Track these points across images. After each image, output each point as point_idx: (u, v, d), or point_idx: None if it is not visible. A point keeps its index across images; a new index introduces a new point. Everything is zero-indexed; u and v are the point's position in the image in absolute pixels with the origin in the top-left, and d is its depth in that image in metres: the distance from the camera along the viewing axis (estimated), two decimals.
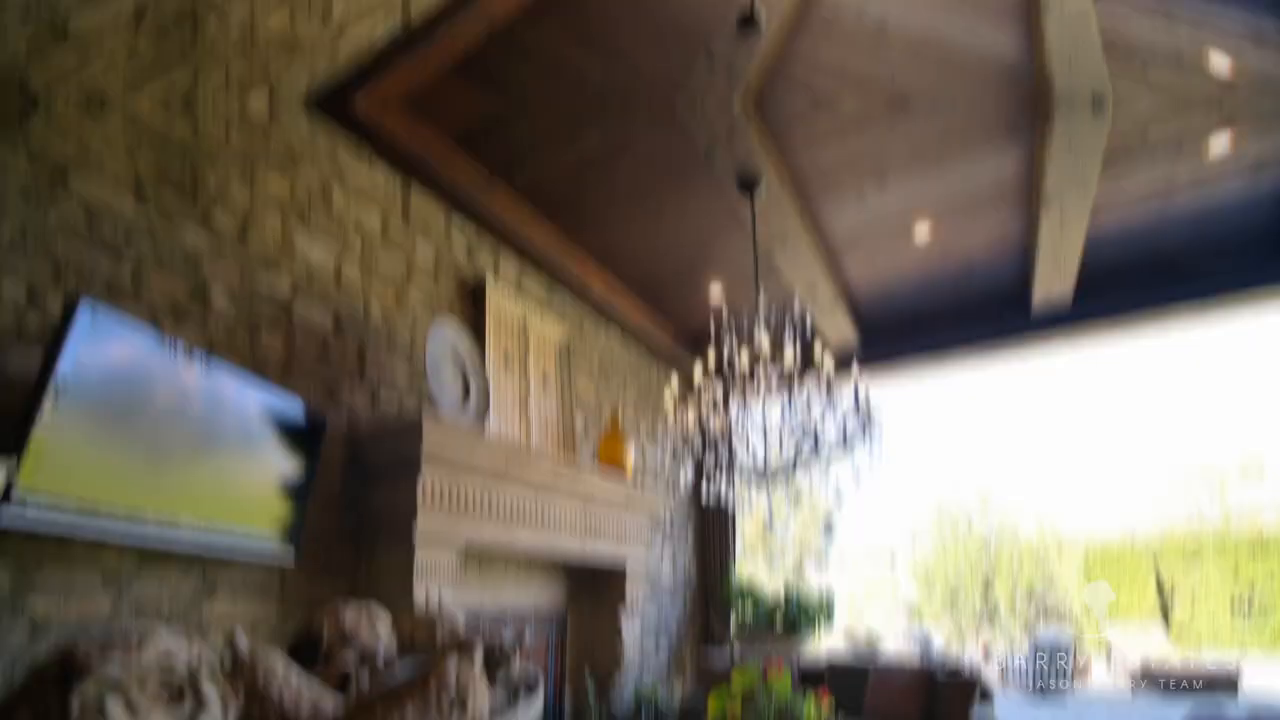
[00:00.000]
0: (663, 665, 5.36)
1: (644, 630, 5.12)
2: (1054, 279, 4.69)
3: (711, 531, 6.24)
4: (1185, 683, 8.51)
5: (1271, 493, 14.47)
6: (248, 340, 2.72)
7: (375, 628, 0.45)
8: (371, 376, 3.21)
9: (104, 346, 2.01)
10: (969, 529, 14.70)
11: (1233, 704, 7.79)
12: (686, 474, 3.36)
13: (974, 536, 14.55)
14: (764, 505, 3.54)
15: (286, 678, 0.34)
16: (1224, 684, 8.48)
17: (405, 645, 0.56)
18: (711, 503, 3.55)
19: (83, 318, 1.93)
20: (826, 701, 2.88)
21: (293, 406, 2.64)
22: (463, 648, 0.56)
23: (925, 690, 3.97)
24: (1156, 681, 8.86)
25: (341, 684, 0.41)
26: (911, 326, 5.65)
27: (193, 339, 2.51)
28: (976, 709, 3.80)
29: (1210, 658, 9.72)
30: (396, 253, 3.52)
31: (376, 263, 3.39)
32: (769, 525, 15.69)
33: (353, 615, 0.45)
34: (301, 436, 2.65)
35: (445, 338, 3.35)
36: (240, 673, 0.34)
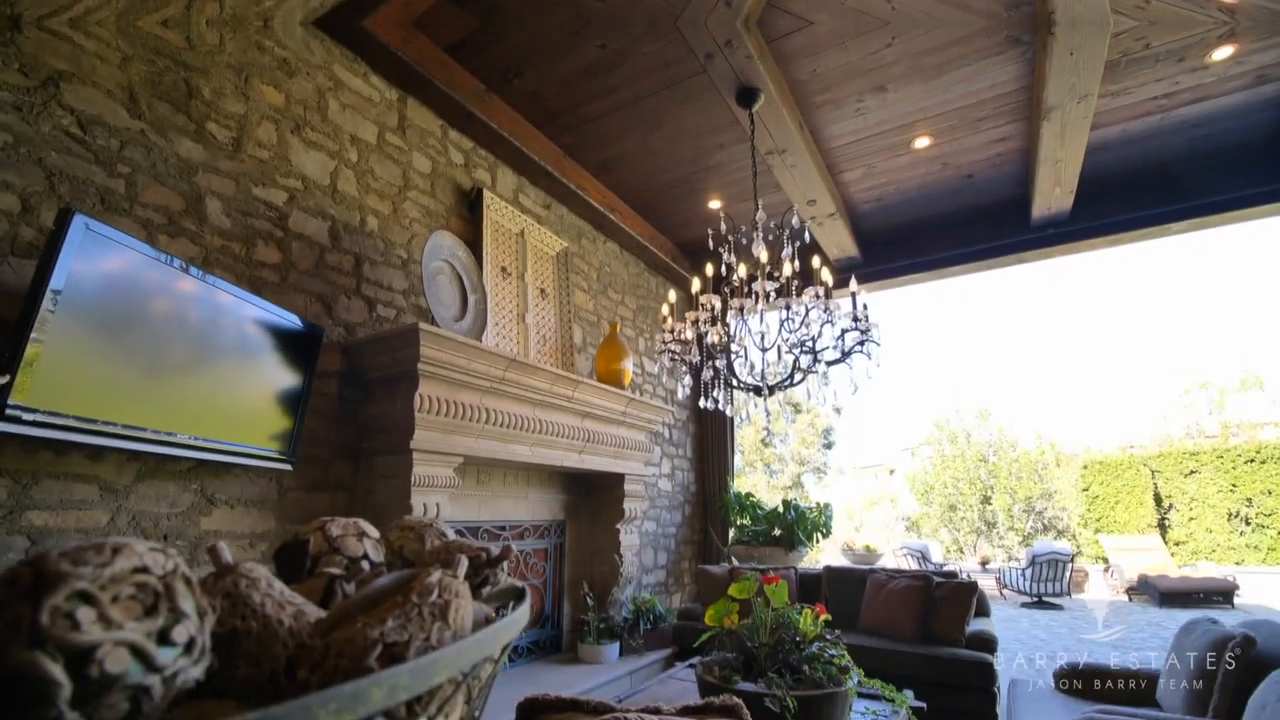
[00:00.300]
0: (662, 577, 5.63)
1: (643, 543, 5.34)
2: (1054, 190, 4.60)
3: (711, 445, 6.40)
4: (1181, 594, 8.80)
5: (1270, 406, 14.47)
6: (244, 252, 2.74)
7: (362, 540, 0.49)
8: (368, 289, 3.24)
9: (99, 259, 2.02)
10: (968, 443, 14.93)
11: (1227, 614, 8.10)
12: (684, 386, 3.41)
13: (973, 450, 14.80)
14: (761, 418, 3.61)
15: (269, 588, 0.37)
16: (1219, 595, 8.77)
17: (393, 557, 0.60)
18: (710, 415, 3.62)
19: (75, 230, 1.94)
20: (823, 615, 3.00)
21: (288, 318, 2.68)
22: (448, 559, 0.61)
23: (923, 596, 3.98)
24: (1152, 593, 9.14)
25: (326, 595, 0.45)
26: (911, 239, 5.62)
27: (188, 252, 2.55)
28: (973, 616, 3.92)
29: (1206, 570, 9.99)
30: (393, 165, 3.49)
31: (372, 175, 3.36)
32: (766, 437, 16.07)
33: (339, 527, 0.49)
34: (297, 348, 2.69)
35: (442, 249, 3.35)
36: (221, 583, 0.38)
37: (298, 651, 0.37)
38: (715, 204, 5.18)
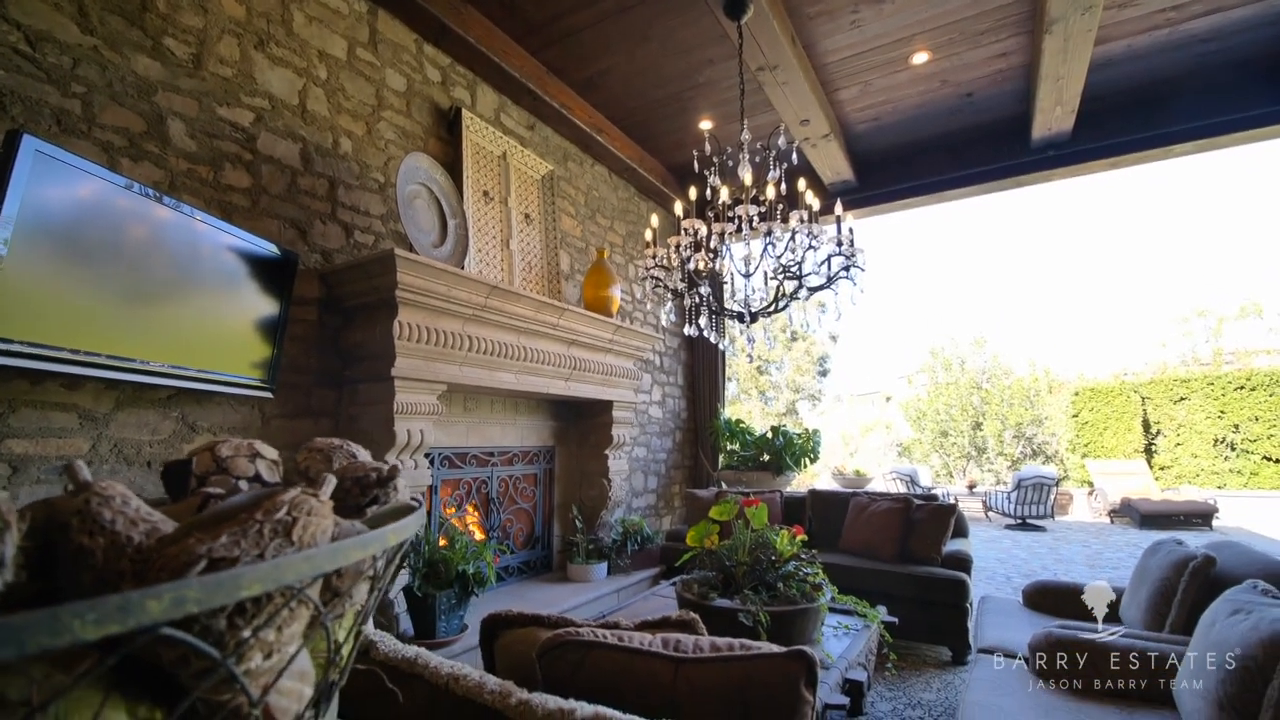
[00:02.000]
0: (653, 500, 5.78)
1: (633, 468, 5.45)
2: (1055, 109, 4.42)
3: (702, 372, 6.43)
4: (1161, 516, 9.06)
5: (1267, 333, 14.47)
6: (211, 176, 2.65)
7: (254, 461, 0.48)
8: (344, 214, 3.15)
9: (54, 184, 1.95)
10: (962, 370, 15.05)
11: (1199, 535, 8.37)
12: (667, 313, 3.37)
13: (966, 377, 14.93)
14: (746, 344, 3.59)
15: (123, 505, 0.36)
16: (1199, 518, 9.04)
17: (299, 479, 0.59)
18: (701, 342, 3.59)
19: (25, 153, 1.87)
20: (799, 536, 3.08)
21: (261, 245, 2.62)
22: (312, 477, 0.59)
23: (902, 518, 4.10)
24: (1134, 515, 9.42)
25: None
26: (908, 162, 5.45)
27: (152, 175, 2.46)
28: (950, 537, 4.04)
29: (1188, 493, 10.24)
30: (365, 83, 3.32)
31: (344, 93, 3.21)
32: (752, 363, 16.15)
33: (230, 448, 0.47)
34: (272, 275, 2.64)
35: (418, 172, 3.24)
36: (74, 501, 0.36)
37: (139, 568, 0.36)
38: (707, 124, 4.98)
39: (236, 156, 2.73)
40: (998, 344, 16.45)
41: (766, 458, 5.83)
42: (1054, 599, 3.04)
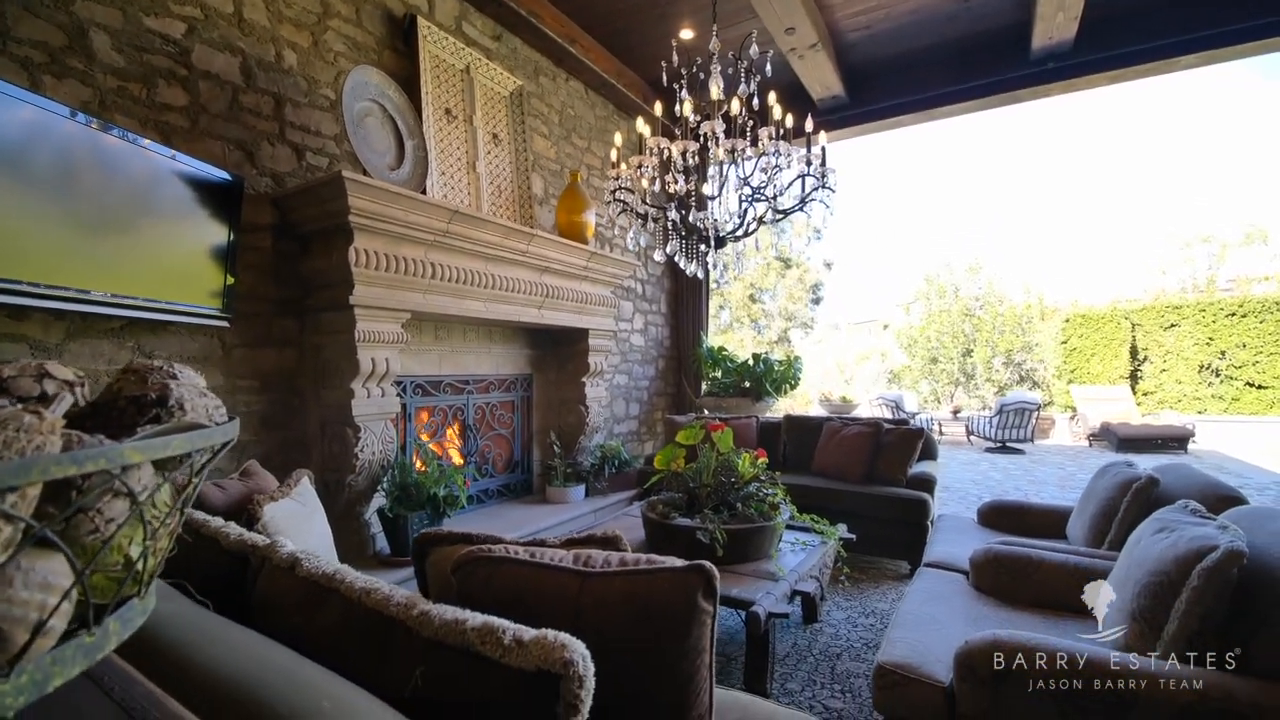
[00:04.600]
0: (635, 426, 5.86)
1: (614, 395, 5.49)
2: (1057, 16, 4.19)
3: (686, 300, 6.39)
4: (1139, 440, 9.23)
5: (1270, 260, 14.32)
6: (144, 94, 2.52)
7: (42, 381, 0.46)
8: (294, 135, 3.02)
9: None
10: (955, 297, 14.98)
11: (1166, 459, 8.56)
12: (634, 235, 3.29)
13: (959, 304, 14.89)
14: (717, 270, 3.54)
15: None
16: (1175, 441, 9.21)
17: (114, 400, 0.57)
18: (679, 268, 3.52)
19: None
20: (762, 459, 3.13)
21: (203, 168, 2.51)
22: (126, 399, 0.57)
23: (871, 442, 4.18)
24: (1112, 439, 9.60)
25: None
26: (902, 75, 5.20)
27: (79, 94, 2.34)
28: (916, 459, 4.13)
29: (1168, 418, 10.40)
30: None
31: (284, 0, 3.00)
32: (718, 287, 15.96)
33: (15, 369, 0.45)
34: (218, 201, 2.55)
35: (367, 87, 3.08)
36: None
37: None
38: (688, 33, 4.70)
39: (170, 72, 2.58)
40: (994, 270, 16.27)
41: (748, 384, 5.88)
42: (1007, 517, 3.13)
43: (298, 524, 1.87)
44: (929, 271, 15.57)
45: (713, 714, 1.18)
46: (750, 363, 5.90)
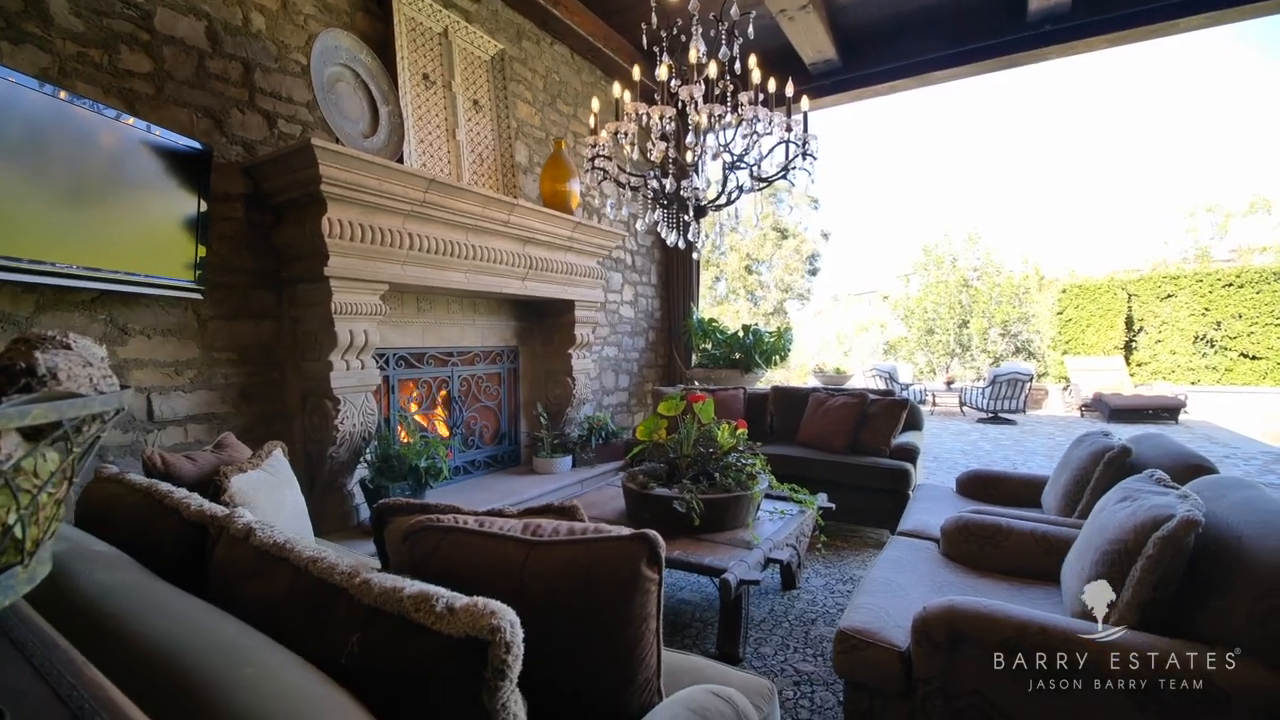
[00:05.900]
0: (624, 398, 5.86)
1: (603, 367, 5.48)
2: None
3: (676, 271, 6.34)
4: (1130, 411, 9.26)
5: (1274, 229, 14.19)
6: (106, 60, 2.45)
7: None
8: (265, 102, 2.95)
9: None
10: (953, 268, 14.89)
11: (1157, 429, 8.59)
12: (614, 205, 3.24)
13: (956, 275, 14.81)
14: (700, 238, 3.50)
15: None
16: (1166, 412, 9.24)
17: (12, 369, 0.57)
18: (657, 232, 3.47)
19: None
20: (741, 429, 3.14)
21: (168, 137, 2.46)
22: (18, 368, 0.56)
23: (856, 412, 4.20)
24: (1104, 410, 9.63)
25: None
26: (897, 38, 5.08)
27: (38, 61, 2.28)
28: (901, 429, 4.14)
29: (1160, 389, 10.43)
30: None
31: None
32: (698, 255, 15.88)
33: None
34: (187, 170, 2.51)
35: (338, 51, 3.01)
36: None
37: None
38: None
39: (132, 37, 2.51)
40: (992, 241, 16.18)
41: (738, 356, 5.87)
42: (985, 487, 3.15)
43: (268, 495, 1.88)
44: (927, 242, 15.45)
45: (660, 679, 1.20)
46: (740, 334, 5.88)
